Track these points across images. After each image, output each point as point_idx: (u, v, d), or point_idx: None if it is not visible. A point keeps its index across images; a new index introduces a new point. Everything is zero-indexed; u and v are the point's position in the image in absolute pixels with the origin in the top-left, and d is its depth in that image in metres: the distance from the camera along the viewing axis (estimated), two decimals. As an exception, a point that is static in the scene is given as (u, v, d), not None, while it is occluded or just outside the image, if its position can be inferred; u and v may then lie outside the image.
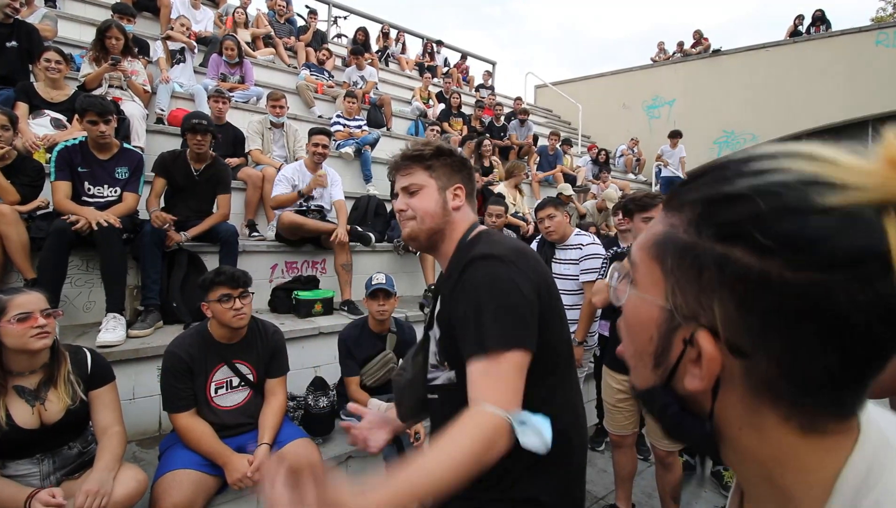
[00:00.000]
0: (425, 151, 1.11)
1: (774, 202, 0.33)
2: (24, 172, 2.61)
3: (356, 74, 6.87)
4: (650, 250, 0.41)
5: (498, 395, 0.88)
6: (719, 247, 0.35)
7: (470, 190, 1.16)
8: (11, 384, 1.59)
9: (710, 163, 0.40)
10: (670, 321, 0.39)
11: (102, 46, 3.63)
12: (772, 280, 0.32)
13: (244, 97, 5.00)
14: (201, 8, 6.00)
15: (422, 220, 1.09)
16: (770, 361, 0.34)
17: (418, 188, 1.11)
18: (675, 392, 0.41)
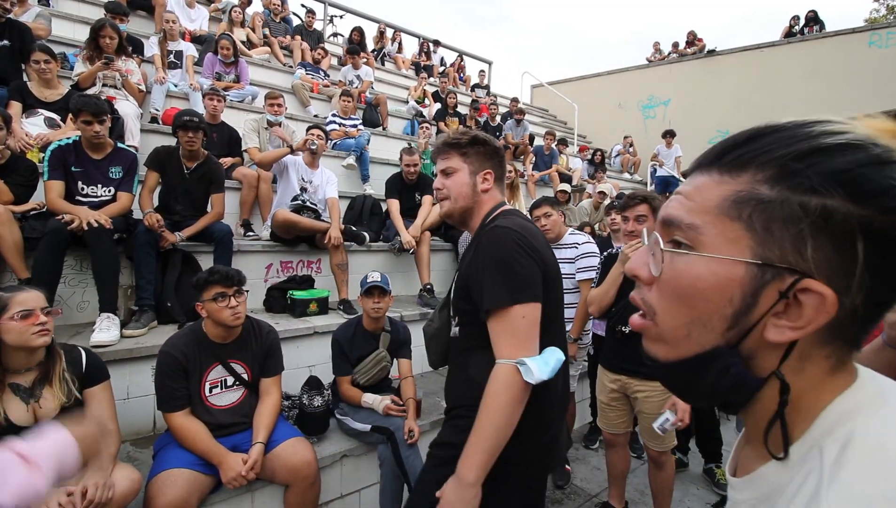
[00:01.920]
0: (462, 140, 1.28)
1: (864, 156, 0.36)
2: (18, 172, 2.60)
3: (352, 73, 6.87)
4: (724, 210, 0.41)
5: (508, 348, 1.06)
6: (816, 198, 0.37)
7: (499, 175, 1.31)
8: (7, 381, 1.59)
9: (755, 128, 0.42)
10: (760, 276, 0.39)
11: (96, 45, 3.62)
12: (873, 224, 0.35)
13: (239, 96, 4.99)
14: (196, 6, 5.98)
15: (455, 199, 1.27)
16: (856, 300, 0.37)
17: (453, 171, 1.28)
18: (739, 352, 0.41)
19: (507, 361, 1.05)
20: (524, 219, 1.25)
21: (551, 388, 1.15)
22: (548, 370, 1.05)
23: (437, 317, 1.40)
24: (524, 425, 1.09)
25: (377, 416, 2.33)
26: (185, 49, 4.86)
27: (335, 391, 2.52)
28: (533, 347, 1.07)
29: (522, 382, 1.04)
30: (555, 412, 1.22)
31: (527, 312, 1.07)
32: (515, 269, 1.08)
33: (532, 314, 1.08)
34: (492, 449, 1.04)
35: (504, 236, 1.12)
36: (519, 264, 1.08)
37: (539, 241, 1.18)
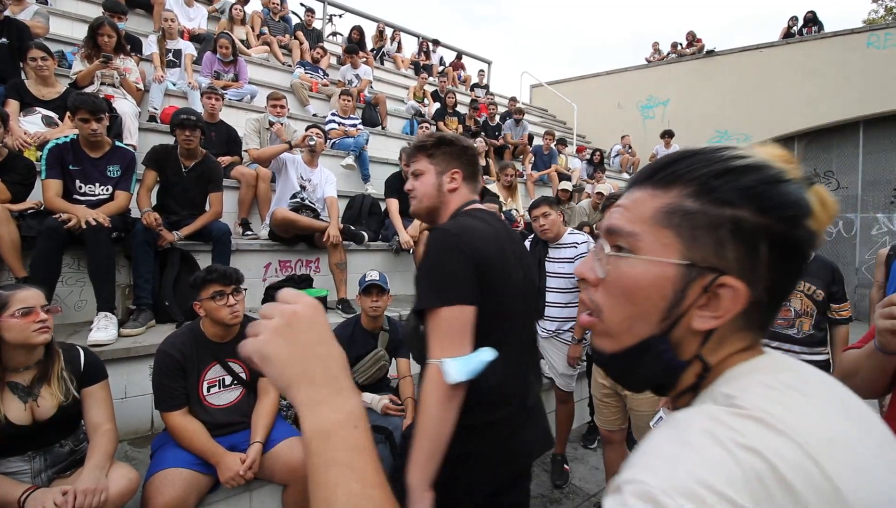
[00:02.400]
0: (427, 142, 1.32)
1: (764, 175, 0.45)
2: (15, 170, 2.59)
3: (351, 72, 6.86)
4: (657, 220, 0.48)
5: (436, 349, 1.07)
6: (729, 210, 0.45)
7: (469, 173, 1.32)
8: (6, 380, 1.59)
9: (677, 153, 0.50)
10: (688, 274, 0.47)
11: (95, 44, 3.61)
12: (773, 230, 0.45)
13: (238, 95, 4.99)
14: (195, 5, 5.97)
15: (420, 200, 1.31)
16: (763, 291, 0.46)
17: (421, 173, 1.31)
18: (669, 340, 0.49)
19: (434, 361, 1.06)
20: (482, 219, 1.24)
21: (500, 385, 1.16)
22: (465, 371, 1.04)
23: (411, 317, 1.40)
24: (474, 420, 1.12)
25: (375, 415, 2.33)
26: (184, 48, 4.85)
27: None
28: (460, 348, 1.07)
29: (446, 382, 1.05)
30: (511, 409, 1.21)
31: (454, 314, 1.07)
32: (444, 271, 1.10)
33: (461, 316, 1.08)
34: (429, 449, 1.05)
35: (440, 237, 1.14)
36: (448, 267, 1.10)
37: (485, 242, 1.16)
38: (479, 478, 1.17)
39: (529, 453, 1.29)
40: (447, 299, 1.07)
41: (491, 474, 1.19)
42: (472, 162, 1.34)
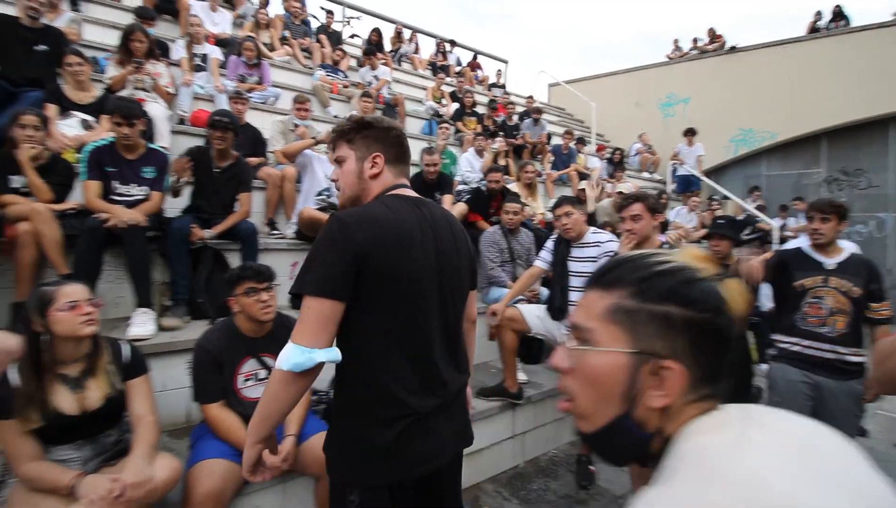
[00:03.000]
0: (346, 127, 1.26)
1: (681, 276, 0.56)
2: (56, 172, 2.69)
3: (370, 74, 6.93)
4: (606, 317, 0.58)
5: (295, 332, 1.08)
6: (660, 306, 0.55)
7: (393, 156, 1.25)
8: (56, 371, 1.66)
9: (616, 259, 0.62)
10: (637, 361, 0.55)
11: (127, 49, 3.73)
12: (695, 321, 0.55)
13: (262, 98, 5.09)
14: (219, 10, 6.10)
15: (342, 189, 1.26)
16: (701, 368, 0.55)
17: (342, 160, 1.26)
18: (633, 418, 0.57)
19: (287, 345, 1.09)
20: (391, 205, 1.18)
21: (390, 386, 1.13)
22: (290, 362, 1.05)
23: None
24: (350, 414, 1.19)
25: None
26: (210, 52, 4.97)
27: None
28: (315, 339, 1.06)
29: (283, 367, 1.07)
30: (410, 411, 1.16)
31: (312, 304, 1.07)
32: (318, 261, 1.09)
33: (320, 309, 1.07)
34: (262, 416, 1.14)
35: (328, 224, 1.12)
36: (323, 257, 1.09)
37: (380, 231, 1.11)
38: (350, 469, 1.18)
39: (434, 454, 1.22)
40: (312, 289, 1.07)
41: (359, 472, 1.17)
42: (395, 143, 1.26)
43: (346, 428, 1.21)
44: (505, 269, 3.83)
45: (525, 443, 3.19)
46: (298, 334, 1.08)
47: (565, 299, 2.85)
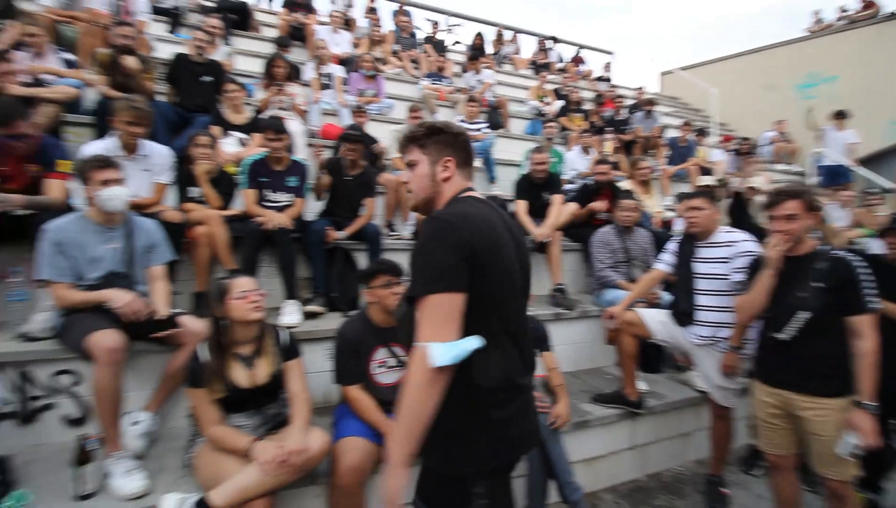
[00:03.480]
0: (418, 132, 1.31)
1: None
2: (222, 183, 3.19)
3: (474, 78, 7.08)
4: None
5: (424, 333, 1.10)
6: None
7: (462, 160, 1.32)
8: (233, 351, 1.97)
9: None
10: None
11: (270, 74, 4.27)
12: None
13: (378, 109, 5.48)
14: (339, 32, 6.70)
15: (415, 192, 1.32)
16: None
17: (414, 164, 1.31)
18: None
19: (421, 345, 1.10)
20: (477, 206, 1.24)
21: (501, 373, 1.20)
22: (449, 356, 1.07)
23: (403, 303, 1.44)
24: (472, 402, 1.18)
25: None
26: (334, 71, 5.48)
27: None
28: (447, 334, 1.09)
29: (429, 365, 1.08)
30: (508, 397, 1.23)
31: (441, 301, 1.10)
32: (434, 259, 1.12)
33: (448, 304, 1.11)
34: (409, 428, 1.10)
35: (432, 225, 1.15)
36: (438, 255, 1.11)
37: (479, 229, 1.17)
38: (474, 459, 1.21)
39: (521, 444, 1.29)
40: (436, 287, 1.10)
41: (483, 459, 1.22)
42: (464, 148, 1.33)
43: (461, 418, 1.20)
44: (618, 270, 3.66)
45: (646, 456, 3.01)
46: (432, 333, 1.10)
47: (691, 303, 2.64)
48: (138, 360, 2.32)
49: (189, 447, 2.06)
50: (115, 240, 2.25)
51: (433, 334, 1.10)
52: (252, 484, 1.75)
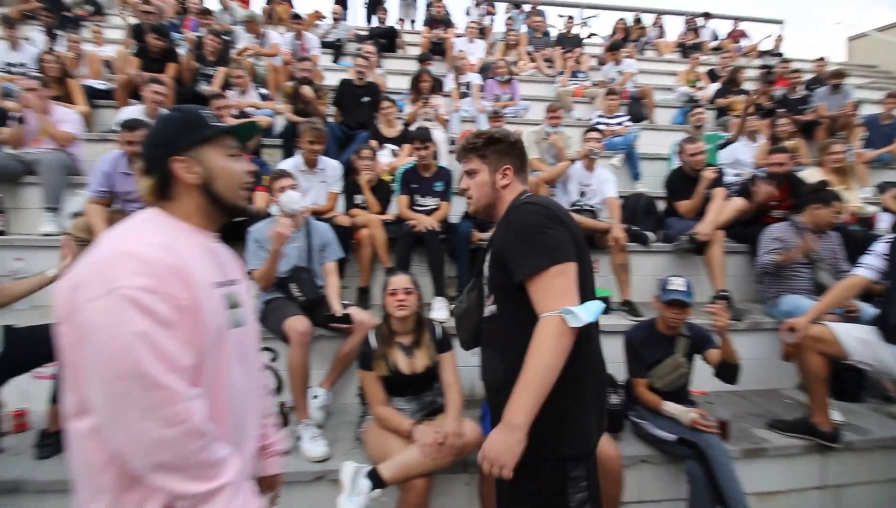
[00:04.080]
0: (477, 142, 1.39)
1: None
2: (380, 190, 3.57)
3: (613, 70, 6.69)
4: None
5: (549, 303, 1.14)
6: None
7: (519, 166, 1.40)
8: (395, 339, 2.20)
9: None
10: None
11: (417, 89, 4.63)
12: None
13: (514, 112, 5.54)
14: (475, 41, 6.95)
15: (477, 199, 1.40)
16: None
17: (474, 172, 1.39)
18: None
19: (551, 313, 1.12)
20: (546, 199, 1.34)
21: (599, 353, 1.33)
22: (591, 313, 1.13)
23: (465, 298, 1.50)
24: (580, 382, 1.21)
25: (682, 427, 2.19)
26: (472, 79, 5.71)
27: (629, 392, 2.50)
28: (573, 300, 1.14)
29: (566, 328, 1.11)
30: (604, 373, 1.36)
31: (563, 270, 1.16)
32: (547, 236, 1.18)
33: (569, 272, 1.17)
34: (537, 394, 1.11)
35: (531, 210, 1.24)
36: (549, 231, 1.19)
37: (567, 215, 1.29)
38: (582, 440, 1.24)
39: (602, 427, 1.33)
40: (555, 257, 1.16)
41: (586, 440, 1.25)
42: (521, 155, 1.41)
43: (574, 397, 1.22)
44: (800, 274, 3.11)
45: (841, 499, 2.52)
46: (560, 300, 1.14)
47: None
48: (316, 343, 2.72)
49: (360, 422, 2.36)
50: (298, 240, 2.69)
51: (561, 301, 1.14)
52: (414, 464, 1.93)
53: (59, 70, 4.13)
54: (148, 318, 0.77)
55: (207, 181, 0.96)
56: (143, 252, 0.81)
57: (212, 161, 0.96)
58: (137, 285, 0.78)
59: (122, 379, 0.75)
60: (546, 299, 1.16)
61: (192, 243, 0.93)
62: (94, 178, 2.95)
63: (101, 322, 0.76)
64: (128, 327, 0.76)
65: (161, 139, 0.96)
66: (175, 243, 0.87)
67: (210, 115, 1.01)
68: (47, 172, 3.34)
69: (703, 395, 2.90)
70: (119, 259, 0.80)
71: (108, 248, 0.84)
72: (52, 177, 3.34)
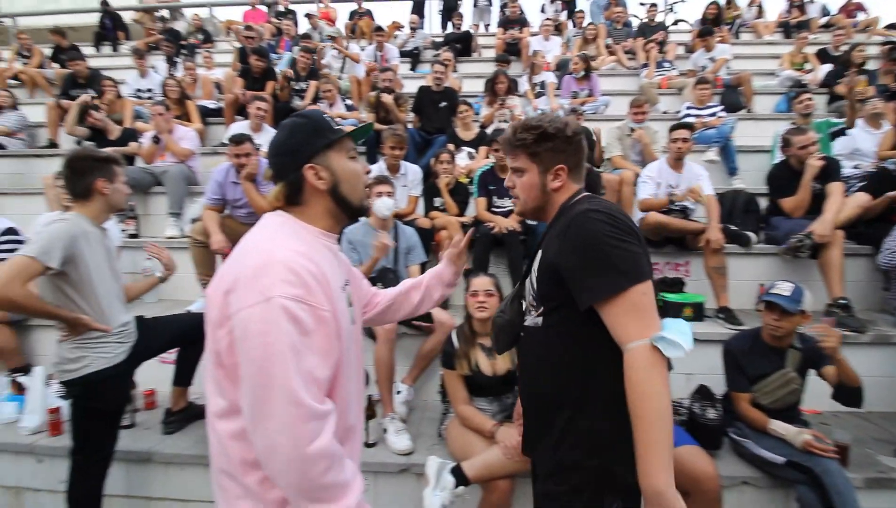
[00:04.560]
0: (528, 139, 1.19)
1: None
2: (459, 193, 3.63)
3: (703, 57, 6.20)
4: None
5: (637, 329, 0.99)
6: None
7: (574, 164, 1.22)
8: (477, 340, 2.23)
9: None
10: None
11: (493, 91, 4.65)
12: None
13: (593, 108, 5.35)
14: (550, 38, 6.81)
15: (524, 201, 1.25)
16: None
17: (522, 171, 1.22)
18: None
19: (641, 342, 0.97)
20: (604, 202, 1.16)
21: None
22: (688, 338, 0.97)
23: (508, 308, 1.36)
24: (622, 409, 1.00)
25: (792, 449, 1.98)
26: (546, 78, 5.61)
27: (727, 407, 2.31)
28: (658, 323, 1.00)
29: (660, 358, 0.97)
30: None
31: (645, 289, 1.01)
32: (621, 249, 1.02)
33: (650, 292, 1.02)
34: (667, 443, 0.94)
35: (597, 218, 1.05)
36: (623, 244, 1.03)
37: (633, 222, 1.10)
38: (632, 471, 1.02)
39: None
40: (635, 276, 1.01)
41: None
42: (578, 150, 1.22)
43: (607, 431, 1.07)
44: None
45: None
46: (647, 325, 0.99)
47: None
48: (399, 341, 2.84)
49: (441, 419, 2.42)
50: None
51: (648, 325, 0.99)
52: (497, 465, 1.94)
53: (179, 93, 4.72)
54: (296, 328, 0.80)
55: (335, 185, 0.99)
56: (290, 261, 0.84)
57: (337, 164, 1.00)
58: (290, 294, 0.81)
59: (266, 388, 0.79)
60: (630, 325, 0.99)
61: (322, 247, 0.98)
62: (209, 187, 3.32)
63: (256, 330, 0.80)
64: (281, 336, 0.79)
65: (290, 146, 0.99)
66: (311, 251, 0.92)
67: (331, 119, 1.05)
68: (172, 183, 3.83)
69: (817, 415, 2.61)
70: (272, 268, 0.83)
71: (258, 255, 0.87)
72: (175, 187, 3.82)
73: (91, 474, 1.94)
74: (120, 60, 7.53)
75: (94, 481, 1.95)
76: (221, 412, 0.90)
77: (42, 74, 6.48)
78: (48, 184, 3.77)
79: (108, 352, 1.90)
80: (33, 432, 2.46)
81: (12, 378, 2.74)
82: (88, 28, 9.04)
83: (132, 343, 2.00)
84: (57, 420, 2.44)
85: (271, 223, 0.98)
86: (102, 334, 1.88)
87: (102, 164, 1.93)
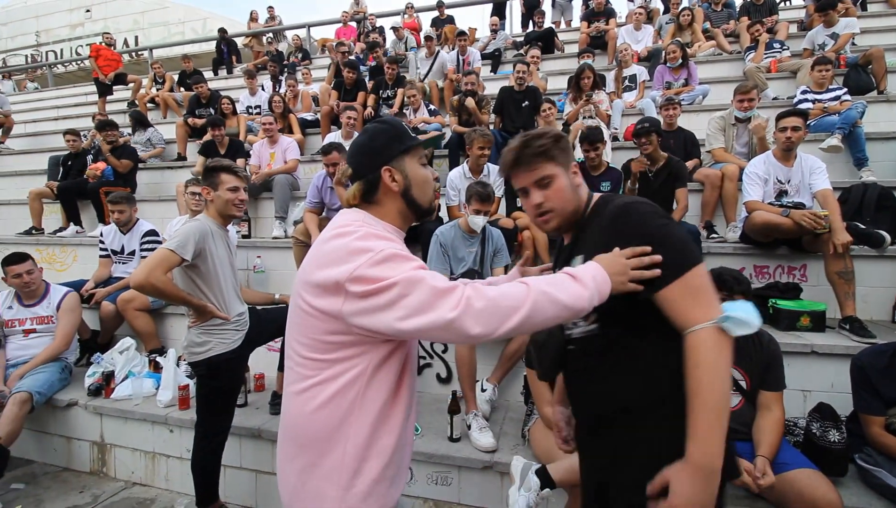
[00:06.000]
0: (547, 144, 1.13)
1: None
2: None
3: (822, 34, 5.48)
4: None
5: (700, 311, 0.96)
6: None
7: None
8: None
9: None
10: None
11: (578, 86, 4.51)
12: None
13: (690, 98, 4.98)
14: (641, 27, 6.44)
15: (563, 210, 1.15)
16: None
17: (550, 179, 1.13)
18: None
19: (705, 324, 0.95)
20: None
21: None
22: (753, 314, 0.94)
23: (558, 331, 1.27)
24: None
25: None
26: (637, 72, 5.34)
27: (853, 430, 2.03)
28: (718, 303, 0.98)
29: (726, 339, 0.95)
30: None
31: (702, 271, 1.00)
32: (675, 235, 1.02)
33: (706, 274, 1.01)
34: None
35: (645, 210, 1.05)
36: (675, 230, 1.03)
37: None
38: None
39: None
40: (693, 257, 1.00)
41: None
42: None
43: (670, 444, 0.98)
44: None
45: None
46: (710, 305, 0.96)
47: None
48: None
49: (525, 420, 2.41)
50: (474, 246, 2.87)
51: (712, 306, 0.98)
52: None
53: (283, 107, 5.20)
54: None
55: (406, 188, 1.08)
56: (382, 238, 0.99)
57: (410, 169, 1.08)
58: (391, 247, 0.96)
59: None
60: (691, 307, 0.97)
61: (398, 243, 1.06)
62: (309, 192, 3.63)
63: None
64: None
65: (370, 148, 1.08)
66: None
67: (408, 127, 1.15)
68: (278, 188, 4.24)
69: None
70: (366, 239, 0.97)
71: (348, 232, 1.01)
72: (281, 192, 4.22)
73: (211, 445, 2.23)
74: (234, 81, 8.48)
75: (214, 451, 2.23)
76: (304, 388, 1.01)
77: (172, 96, 7.50)
78: (179, 191, 4.37)
79: (228, 338, 2.17)
80: (167, 405, 2.87)
81: (151, 358, 3.22)
82: (208, 55, 10.31)
83: (246, 331, 2.26)
84: (186, 396, 2.82)
85: (352, 216, 1.07)
86: (223, 321, 2.15)
87: (207, 173, 2.19)
